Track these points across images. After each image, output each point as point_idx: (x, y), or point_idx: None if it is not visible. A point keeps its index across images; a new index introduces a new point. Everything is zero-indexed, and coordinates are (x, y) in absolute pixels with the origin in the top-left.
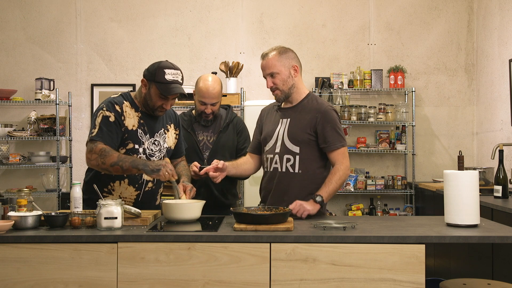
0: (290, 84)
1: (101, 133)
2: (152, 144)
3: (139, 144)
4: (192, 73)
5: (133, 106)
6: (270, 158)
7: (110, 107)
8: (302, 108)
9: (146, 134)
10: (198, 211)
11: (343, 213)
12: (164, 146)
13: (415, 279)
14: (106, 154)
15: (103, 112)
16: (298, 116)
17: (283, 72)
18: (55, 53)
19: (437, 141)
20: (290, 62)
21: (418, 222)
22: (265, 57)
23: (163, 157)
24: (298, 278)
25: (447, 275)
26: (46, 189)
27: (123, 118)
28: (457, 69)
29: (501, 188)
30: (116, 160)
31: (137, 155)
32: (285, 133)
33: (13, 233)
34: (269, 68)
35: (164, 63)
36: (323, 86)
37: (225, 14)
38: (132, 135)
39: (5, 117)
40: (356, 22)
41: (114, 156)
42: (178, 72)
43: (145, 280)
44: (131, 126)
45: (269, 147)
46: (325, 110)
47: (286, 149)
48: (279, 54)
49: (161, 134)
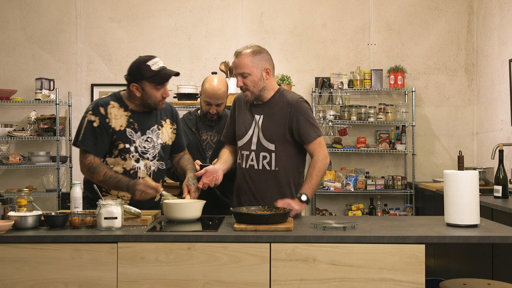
0: (260, 86)
1: (86, 141)
2: (145, 141)
3: (130, 143)
4: (192, 73)
5: (122, 105)
6: (246, 154)
7: (95, 110)
8: (273, 104)
9: (137, 132)
10: (199, 211)
11: (343, 213)
12: (158, 142)
13: (415, 279)
14: (94, 171)
15: (88, 116)
16: (271, 112)
17: (254, 73)
18: (55, 53)
19: (437, 141)
20: (263, 64)
21: (418, 222)
22: (238, 56)
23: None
24: (298, 278)
25: (447, 275)
26: (46, 189)
27: (108, 121)
28: (457, 69)
29: (501, 188)
30: (102, 179)
31: (129, 154)
32: (259, 131)
33: (13, 233)
34: (241, 68)
35: (141, 59)
36: (323, 86)
37: (225, 14)
38: (121, 135)
39: (5, 117)
40: (356, 22)
41: (101, 174)
42: (157, 58)
43: (145, 280)
44: (119, 127)
45: (243, 143)
46: (296, 103)
47: (262, 146)
48: (253, 54)
49: (154, 131)
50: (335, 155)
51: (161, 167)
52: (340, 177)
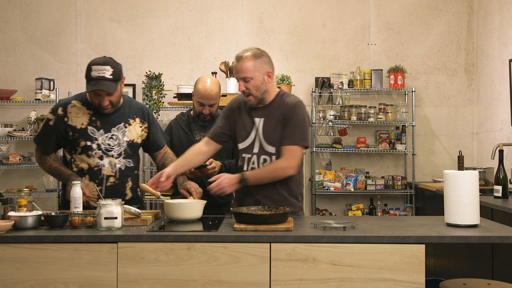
0: (263, 90)
1: (40, 137)
2: (109, 139)
3: (91, 140)
4: (192, 73)
5: (85, 104)
6: (247, 157)
7: (54, 110)
8: (274, 107)
9: (100, 130)
10: (199, 211)
11: (343, 213)
12: (124, 140)
13: (415, 279)
14: (41, 162)
15: (48, 115)
16: (271, 115)
17: (257, 77)
18: (55, 53)
19: (437, 141)
20: (265, 67)
21: (418, 222)
22: (240, 60)
23: (123, 152)
24: (298, 278)
25: (447, 275)
26: (46, 189)
27: (67, 120)
28: (457, 69)
29: (501, 188)
30: (47, 170)
31: (91, 151)
32: (260, 134)
33: (13, 233)
34: (243, 73)
35: (94, 60)
36: (323, 86)
37: (225, 14)
38: (82, 133)
39: (5, 117)
40: (356, 22)
41: (46, 167)
42: (105, 67)
43: (145, 280)
44: (80, 125)
45: (245, 146)
46: (294, 106)
47: (263, 149)
48: (255, 58)
49: (120, 129)
50: (335, 155)
51: (129, 164)
52: (340, 177)
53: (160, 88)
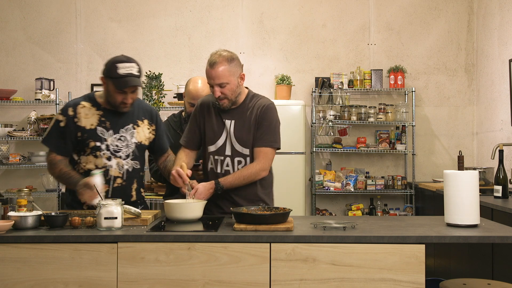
0: (237, 93)
1: (50, 139)
2: (118, 140)
3: (101, 141)
4: (192, 73)
5: (94, 105)
6: (220, 160)
7: (64, 111)
8: (244, 109)
9: (109, 131)
10: (200, 211)
11: (343, 213)
12: (132, 141)
13: (415, 279)
14: (52, 167)
15: (57, 116)
16: (243, 117)
17: (232, 82)
18: (55, 53)
19: (437, 141)
20: (238, 70)
21: (418, 222)
22: (214, 66)
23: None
24: (298, 278)
25: (447, 275)
26: (46, 189)
27: (77, 120)
28: (457, 69)
29: (501, 188)
30: (57, 175)
31: (100, 151)
32: (232, 136)
33: (13, 233)
34: (218, 79)
35: (117, 58)
36: (323, 86)
37: (225, 14)
38: (91, 134)
39: (5, 117)
40: (356, 22)
41: (56, 171)
42: (132, 64)
43: (145, 280)
44: (89, 126)
45: (216, 148)
46: (266, 108)
47: (236, 151)
48: (229, 63)
49: (129, 130)
50: (335, 155)
51: (135, 166)
52: (340, 177)
53: (160, 88)
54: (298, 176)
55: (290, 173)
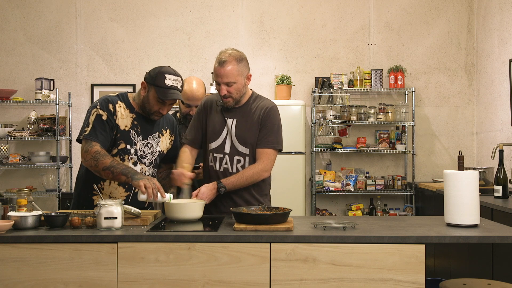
0: (243, 92)
1: (94, 133)
2: (145, 146)
3: (131, 144)
4: (192, 73)
5: (128, 107)
6: (219, 157)
7: (104, 106)
8: (248, 109)
9: (139, 136)
10: (200, 211)
11: (343, 213)
12: (157, 150)
13: (415, 279)
14: (100, 158)
15: (97, 110)
16: (245, 116)
17: (239, 81)
18: (55, 53)
19: (437, 141)
20: (246, 71)
21: (418, 222)
22: (223, 65)
23: (154, 161)
24: (298, 278)
25: (447, 275)
26: (46, 189)
27: (115, 118)
28: (457, 69)
29: (501, 188)
30: (108, 165)
31: (128, 155)
32: (233, 134)
33: (13, 233)
34: (226, 77)
35: (166, 68)
36: (323, 86)
37: (225, 14)
38: (124, 135)
39: (5, 117)
40: (356, 22)
41: (107, 161)
42: (179, 79)
43: (145, 280)
44: (124, 126)
45: (216, 146)
46: (269, 109)
47: (235, 150)
48: (238, 63)
49: (155, 137)
50: (335, 155)
51: (154, 174)
52: (340, 177)
53: None
54: (298, 176)
55: (290, 173)
